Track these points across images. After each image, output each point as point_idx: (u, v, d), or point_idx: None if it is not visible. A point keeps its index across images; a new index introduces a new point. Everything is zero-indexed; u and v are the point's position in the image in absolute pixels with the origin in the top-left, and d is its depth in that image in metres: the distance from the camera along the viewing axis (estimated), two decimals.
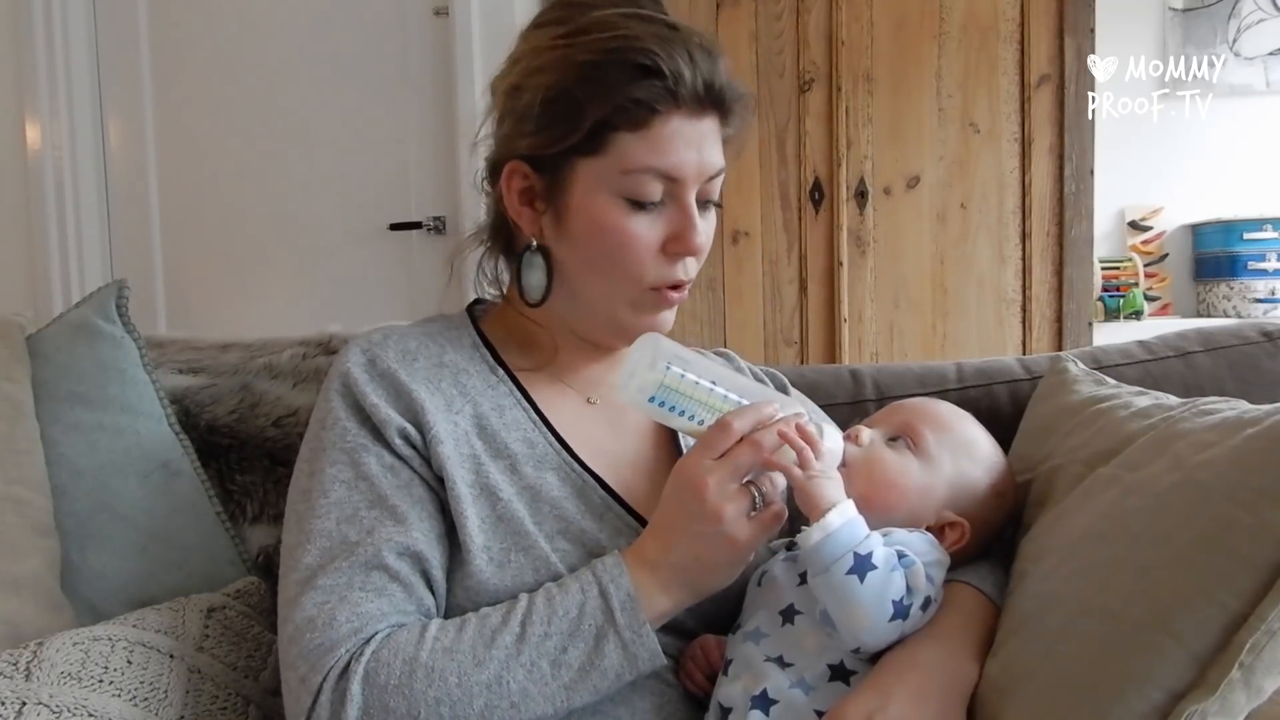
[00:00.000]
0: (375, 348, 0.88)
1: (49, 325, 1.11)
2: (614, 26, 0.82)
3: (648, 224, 0.84)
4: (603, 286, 0.87)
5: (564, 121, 0.82)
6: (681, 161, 0.83)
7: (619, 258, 0.85)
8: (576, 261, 0.87)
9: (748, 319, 2.30)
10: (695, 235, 0.85)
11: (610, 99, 0.80)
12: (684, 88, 0.81)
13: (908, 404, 0.95)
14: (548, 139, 0.84)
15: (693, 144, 0.83)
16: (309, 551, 0.80)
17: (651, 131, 0.81)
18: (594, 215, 0.84)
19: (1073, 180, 2.20)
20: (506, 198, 0.88)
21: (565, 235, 0.87)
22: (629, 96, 0.80)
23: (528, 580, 0.81)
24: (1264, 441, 0.71)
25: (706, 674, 0.85)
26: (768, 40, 2.27)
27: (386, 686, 0.73)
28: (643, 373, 0.78)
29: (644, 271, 0.86)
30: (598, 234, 0.84)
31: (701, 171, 0.85)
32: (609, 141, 0.82)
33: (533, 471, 0.86)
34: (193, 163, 2.65)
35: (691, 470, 0.78)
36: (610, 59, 0.81)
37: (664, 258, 0.86)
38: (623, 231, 0.84)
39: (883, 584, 0.74)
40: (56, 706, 0.77)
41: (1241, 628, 0.64)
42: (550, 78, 0.83)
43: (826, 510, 0.75)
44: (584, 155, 0.83)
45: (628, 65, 0.81)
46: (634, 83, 0.80)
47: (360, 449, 0.83)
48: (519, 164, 0.86)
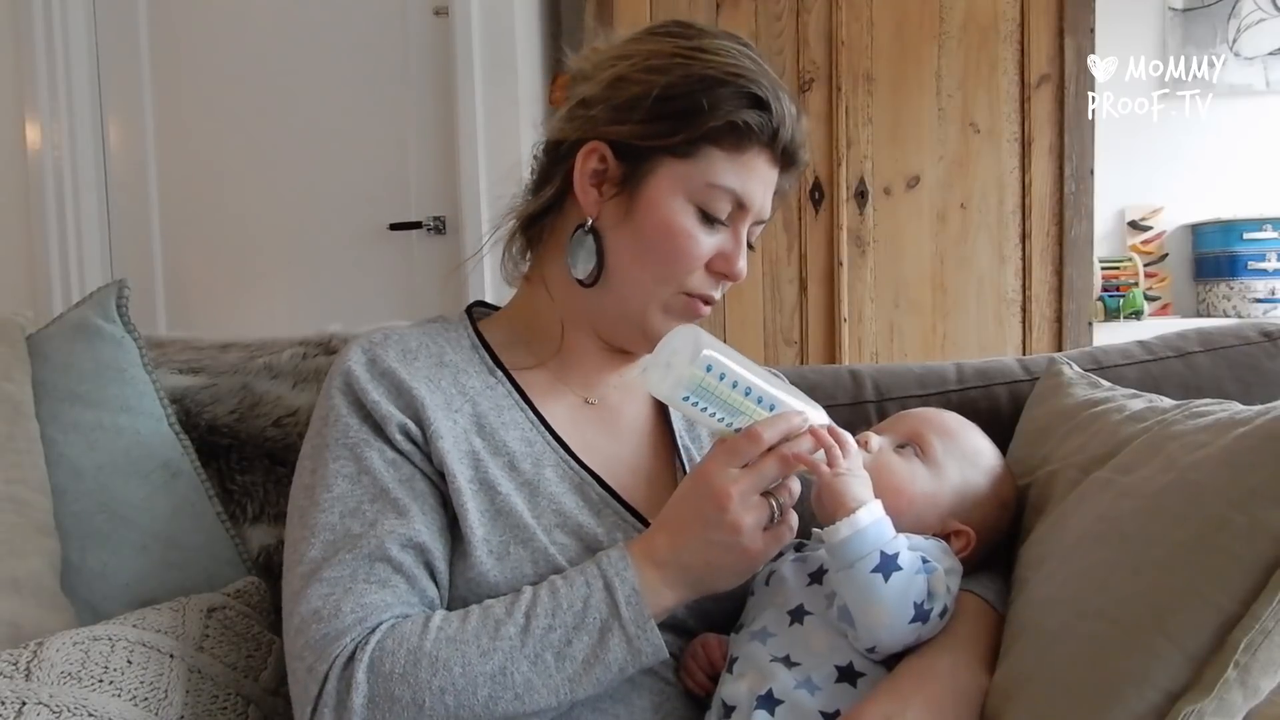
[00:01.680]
0: (376, 347, 0.89)
1: (49, 325, 1.11)
2: (735, 57, 0.88)
3: (707, 237, 0.89)
4: (648, 281, 0.90)
5: (671, 119, 0.86)
6: (755, 195, 0.89)
7: (675, 258, 0.88)
8: (630, 251, 0.89)
9: (748, 319, 2.31)
10: (741, 263, 0.91)
11: (723, 114, 0.85)
12: (780, 135, 0.88)
13: (915, 413, 0.95)
14: (648, 131, 0.87)
15: (765, 184, 0.91)
16: (313, 545, 0.81)
17: (742, 158, 0.88)
18: (666, 213, 0.88)
19: (1073, 180, 2.21)
20: (577, 174, 0.90)
21: (628, 224, 0.89)
22: (740, 119, 0.86)
23: (527, 572, 0.81)
24: (1255, 441, 0.71)
25: (708, 673, 0.85)
26: (768, 40, 2.27)
27: (391, 675, 0.74)
28: (682, 367, 0.76)
29: (690, 277, 0.90)
30: (664, 231, 0.88)
31: (761, 212, 0.91)
32: (702, 153, 0.87)
33: (531, 468, 0.87)
34: (193, 163, 2.65)
35: (716, 478, 0.78)
36: (732, 81, 0.86)
37: (707, 273, 0.90)
38: (689, 236, 0.88)
39: (906, 585, 0.75)
40: (56, 706, 0.77)
41: (1236, 627, 0.64)
42: (670, 79, 0.87)
43: (855, 508, 0.76)
44: (673, 156, 0.87)
45: (746, 93, 0.86)
46: (747, 109, 0.86)
47: (362, 444, 0.84)
48: (601, 145, 0.89)
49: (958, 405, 1.12)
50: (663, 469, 0.96)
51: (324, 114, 2.55)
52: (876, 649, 0.77)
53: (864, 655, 0.78)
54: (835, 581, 0.77)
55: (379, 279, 2.55)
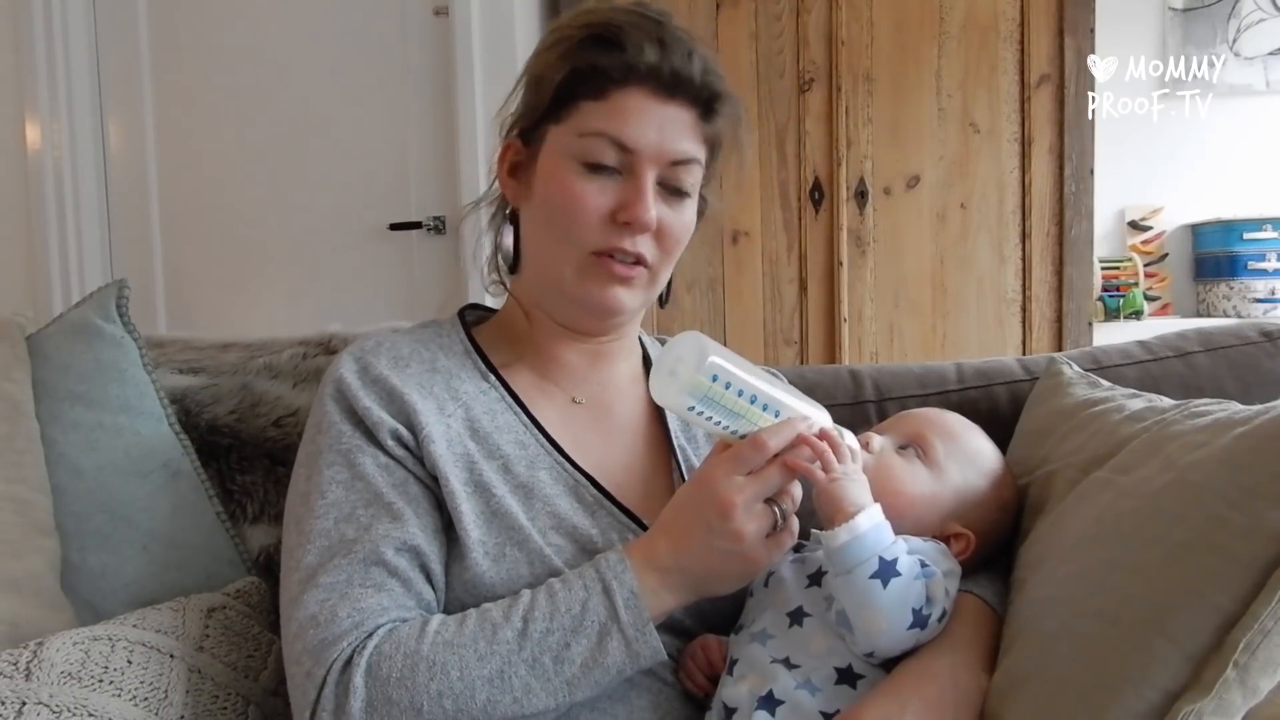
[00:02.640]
0: (368, 355, 0.90)
1: (49, 325, 1.11)
2: (593, 11, 0.90)
3: (598, 189, 0.87)
4: (552, 248, 0.91)
5: (538, 90, 0.90)
6: (638, 135, 0.86)
7: (564, 217, 0.88)
8: (534, 223, 0.93)
9: (748, 319, 2.30)
10: (643, 209, 0.86)
11: (571, 64, 0.87)
12: (643, 64, 0.85)
13: (917, 413, 0.95)
14: (527, 109, 0.92)
15: (654, 122, 0.86)
16: (309, 551, 0.81)
17: (610, 101, 0.86)
18: (550, 175, 0.89)
19: (1073, 180, 2.20)
20: (498, 170, 0.95)
21: (531, 200, 0.92)
22: (587, 63, 0.86)
23: (523, 573, 0.81)
24: (1253, 440, 0.71)
25: (707, 674, 0.85)
26: (768, 40, 2.27)
27: (389, 679, 0.74)
28: (687, 374, 0.75)
29: (587, 234, 0.88)
30: (551, 193, 0.89)
31: (661, 151, 0.87)
32: (573, 109, 0.87)
33: (525, 470, 0.87)
34: (193, 163, 2.65)
35: (720, 485, 0.77)
36: (579, 33, 0.88)
37: (612, 225, 0.88)
38: (570, 191, 0.87)
39: (905, 591, 0.74)
40: (56, 706, 0.77)
41: (1235, 627, 0.64)
42: (535, 61, 0.92)
43: (854, 513, 0.75)
44: (552, 122, 0.89)
45: (592, 38, 0.87)
46: (594, 51, 0.86)
47: (355, 450, 0.84)
48: (513, 140, 0.94)
49: (958, 405, 1.11)
50: (658, 469, 0.96)
51: (324, 114, 2.55)
52: (875, 654, 0.77)
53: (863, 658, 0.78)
54: (833, 587, 0.77)
55: (379, 279, 2.54)
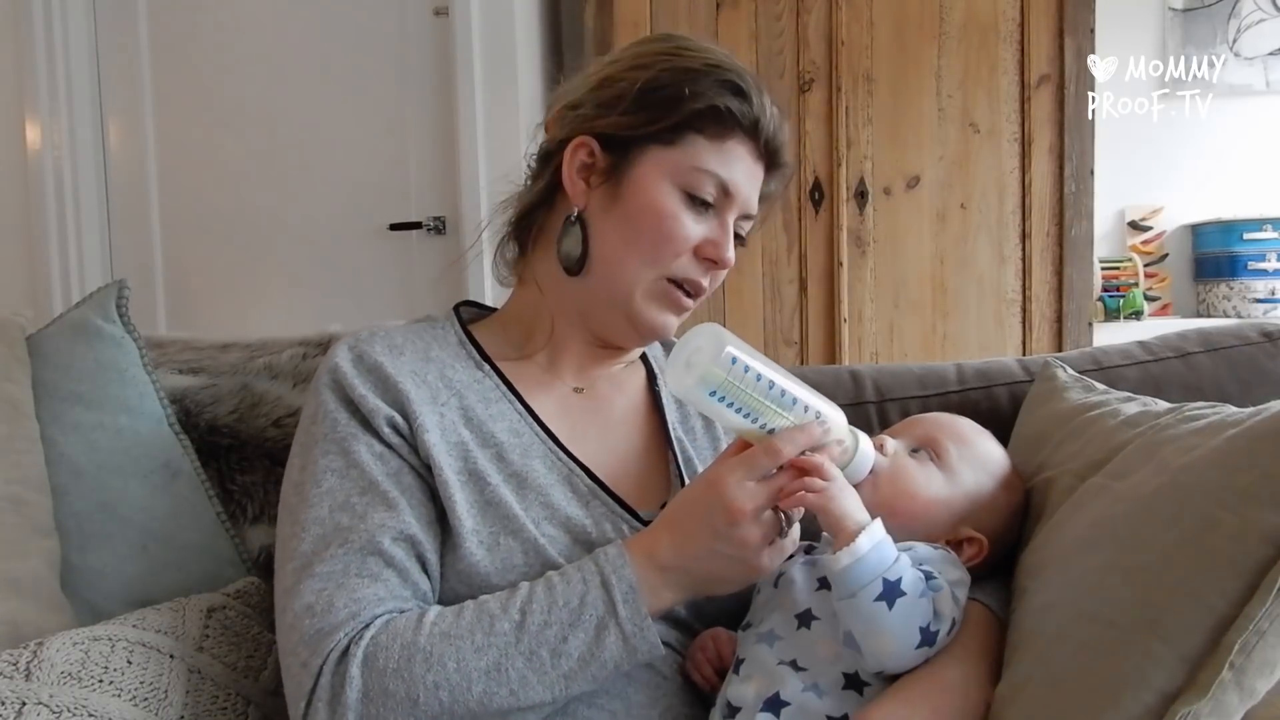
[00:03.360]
0: (362, 344, 0.90)
1: (49, 325, 1.11)
2: (715, 54, 0.93)
3: (693, 220, 0.91)
4: (633, 264, 0.91)
5: (655, 108, 0.89)
6: (740, 182, 0.91)
7: (661, 239, 0.90)
8: (617, 235, 0.91)
9: (748, 319, 2.30)
10: (728, 249, 0.92)
11: (705, 100, 0.89)
12: (762, 125, 0.91)
13: (929, 417, 0.95)
14: (632, 121, 0.90)
15: (750, 176, 0.93)
16: (304, 540, 0.81)
17: (725, 145, 0.90)
18: (652, 197, 0.90)
19: (1073, 180, 2.20)
20: (566, 167, 0.93)
21: (615, 209, 0.91)
22: (722, 104, 0.89)
23: (518, 563, 0.82)
24: (1245, 442, 0.71)
25: (716, 667, 0.85)
26: (768, 40, 2.27)
27: (385, 670, 0.74)
28: (704, 365, 0.75)
29: (676, 260, 0.91)
30: (649, 213, 0.90)
31: (746, 203, 0.93)
32: (686, 139, 0.90)
33: (519, 459, 0.87)
34: (193, 163, 2.65)
35: (731, 490, 0.76)
36: (713, 72, 0.90)
37: (694, 259, 0.92)
38: (674, 217, 0.90)
39: (911, 610, 0.74)
40: (56, 706, 0.77)
41: (1230, 628, 0.64)
42: (652, 73, 0.90)
43: (855, 533, 0.74)
44: (658, 144, 0.90)
45: (727, 82, 0.90)
46: (729, 96, 0.89)
47: (350, 438, 0.85)
48: (588, 140, 0.92)
49: (958, 406, 1.12)
50: (655, 460, 0.96)
51: (324, 114, 2.55)
52: (885, 672, 0.76)
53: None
54: (839, 610, 0.76)
55: (379, 279, 2.55)
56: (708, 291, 0.95)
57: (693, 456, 0.97)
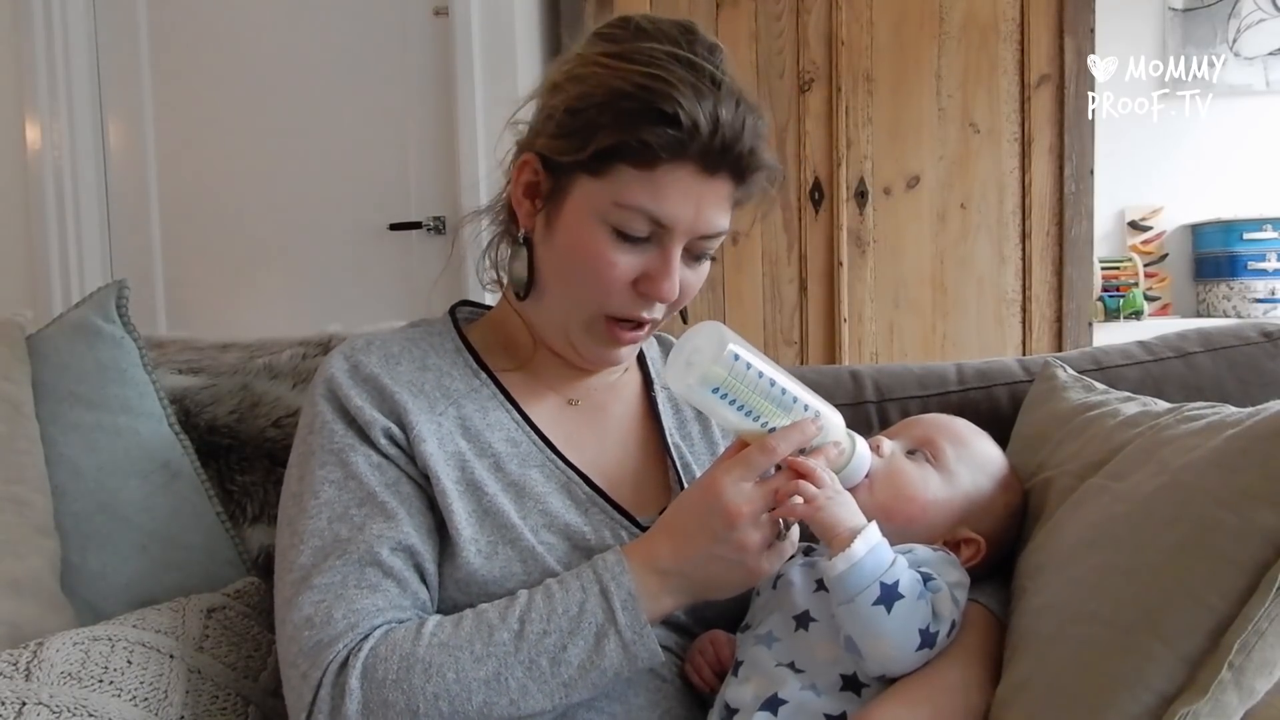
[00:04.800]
0: (358, 354, 0.89)
1: (49, 325, 1.11)
2: (654, 64, 0.81)
3: (627, 257, 0.84)
4: (566, 300, 0.89)
5: (577, 135, 0.83)
6: (676, 214, 0.82)
7: (589, 280, 0.85)
8: (552, 267, 0.89)
9: (748, 319, 2.30)
10: (668, 284, 0.84)
11: (621, 132, 0.80)
12: (697, 143, 0.80)
13: (927, 418, 0.95)
14: (561, 146, 0.84)
15: (692, 198, 0.83)
16: (302, 552, 0.81)
17: (654, 175, 0.81)
18: (579, 234, 0.84)
19: (1073, 180, 2.20)
20: (514, 185, 0.90)
21: (550, 240, 0.88)
22: (639, 137, 0.80)
23: (516, 571, 0.81)
24: (1245, 442, 0.71)
25: (715, 670, 0.84)
26: (768, 40, 2.27)
27: (385, 681, 0.74)
28: (705, 363, 0.74)
29: (608, 300, 0.86)
30: (577, 251, 0.85)
31: (695, 227, 0.84)
32: (612, 170, 0.82)
33: (517, 468, 0.87)
34: (193, 163, 2.65)
35: (728, 492, 0.76)
36: (636, 94, 0.80)
37: (633, 293, 0.86)
38: (600, 258, 0.84)
39: (910, 613, 0.74)
40: (56, 706, 0.77)
41: (1229, 629, 0.64)
42: (580, 89, 0.83)
43: (850, 538, 0.74)
44: (586, 174, 0.83)
45: (650, 107, 0.80)
46: (649, 125, 0.79)
47: (347, 449, 0.84)
48: (533, 158, 0.87)
49: (958, 406, 1.11)
50: (652, 465, 0.96)
51: (324, 114, 2.55)
52: (887, 675, 0.76)
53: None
54: (838, 616, 0.76)
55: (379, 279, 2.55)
56: (659, 320, 0.89)
57: (690, 462, 0.97)
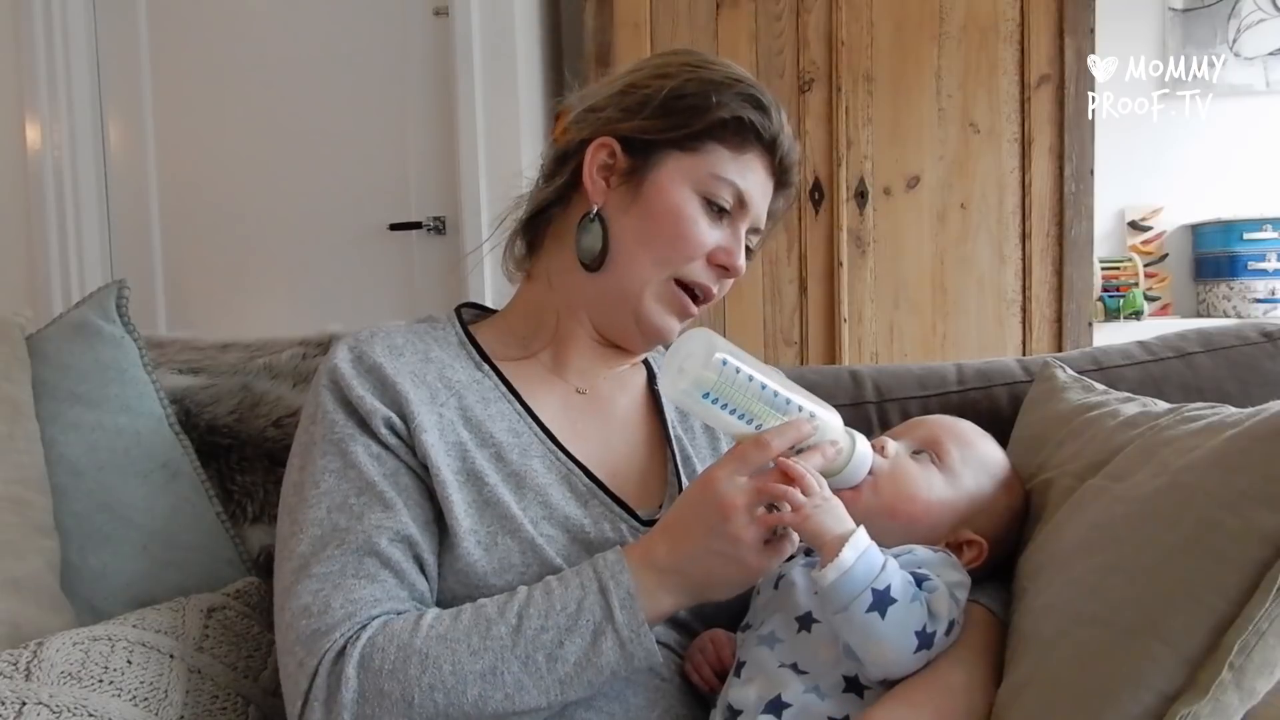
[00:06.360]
0: (362, 344, 0.90)
1: (49, 325, 1.11)
2: (738, 71, 0.96)
3: (710, 226, 0.93)
4: (647, 264, 0.93)
5: (678, 115, 0.92)
6: (754, 194, 0.95)
7: (678, 240, 0.92)
8: (633, 235, 0.93)
9: (748, 319, 2.30)
10: (740, 255, 0.95)
11: (729, 110, 0.92)
12: (779, 143, 0.95)
13: (930, 420, 0.95)
14: (655, 125, 0.92)
15: (763, 190, 0.96)
16: (301, 541, 0.81)
17: (743, 157, 0.93)
18: (672, 199, 0.92)
19: (1073, 180, 2.20)
20: (587, 166, 0.94)
21: (635, 208, 0.93)
22: (745, 116, 0.92)
23: (515, 563, 0.82)
24: (1245, 442, 0.71)
25: (716, 669, 0.84)
26: (768, 40, 2.26)
27: (381, 671, 0.74)
28: (696, 369, 0.75)
29: (689, 263, 0.93)
30: (668, 214, 0.92)
31: (758, 215, 0.96)
32: (706, 147, 0.92)
33: (518, 459, 0.87)
34: (193, 163, 2.65)
35: (722, 486, 0.77)
36: (735, 85, 0.93)
37: (706, 264, 0.94)
38: (693, 220, 0.92)
39: (905, 616, 0.74)
40: (56, 706, 0.77)
41: (1230, 629, 0.64)
42: (677, 82, 0.93)
43: (838, 546, 0.73)
44: (680, 150, 0.92)
45: (749, 96, 0.93)
46: (750, 109, 0.92)
47: (348, 439, 0.85)
48: (610, 141, 0.94)
49: (958, 406, 1.12)
50: (655, 460, 0.96)
51: (324, 114, 2.55)
52: (887, 678, 0.76)
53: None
54: (834, 624, 0.76)
55: (379, 279, 2.55)
56: (716, 298, 0.97)
57: (691, 456, 0.97)
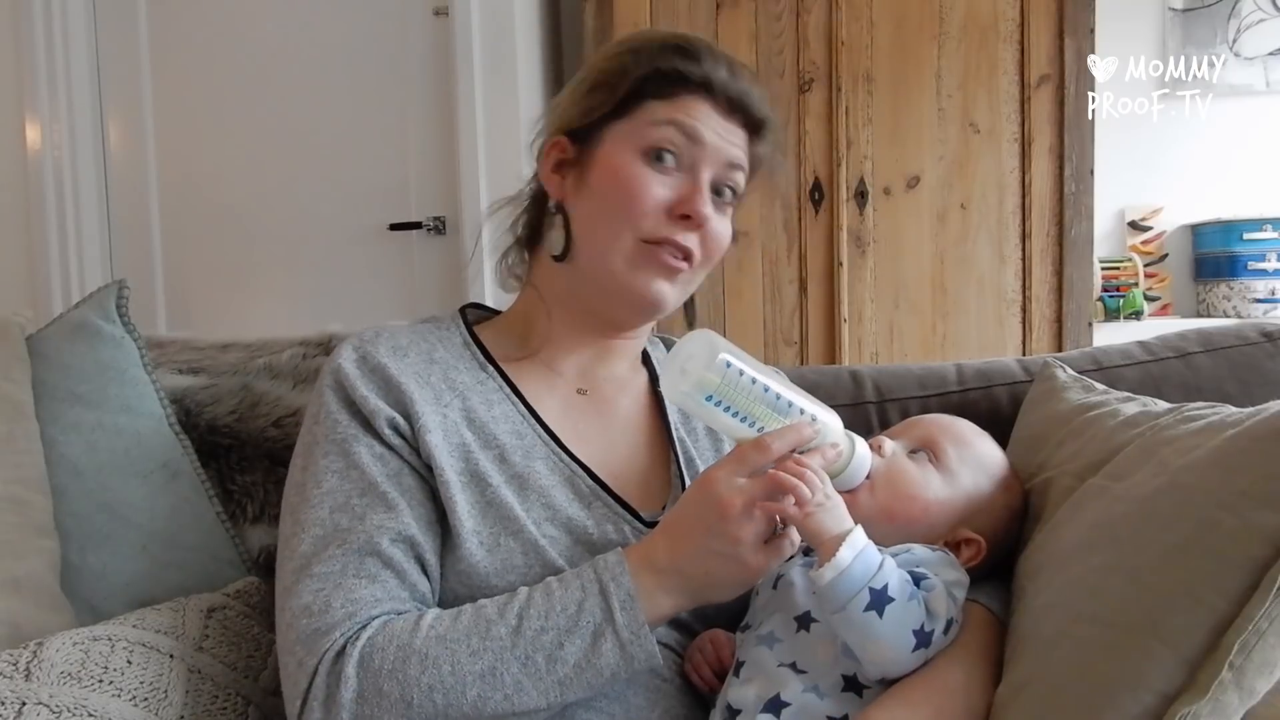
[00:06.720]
0: (366, 344, 0.90)
1: (49, 325, 1.11)
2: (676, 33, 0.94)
3: (658, 179, 0.90)
4: (606, 235, 0.91)
5: (605, 89, 0.92)
6: (702, 131, 0.90)
7: (625, 201, 0.89)
8: (589, 212, 0.93)
9: (748, 319, 2.30)
10: (701, 203, 0.90)
11: (648, 65, 0.90)
12: (716, 80, 0.90)
13: (928, 419, 0.95)
14: (588, 106, 0.93)
15: (714, 127, 0.91)
16: (303, 540, 0.81)
17: (678, 102, 0.90)
18: (613, 166, 0.91)
19: (1073, 180, 2.20)
20: (542, 168, 0.96)
21: (584, 191, 0.93)
22: (670, 65, 0.90)
23: (518, 564, 0.82)
24: (1245, 442, 0.71)
25: (715, 669, 0.84)
26: (768, 40, 2.27)
27: (380, 671, 0.74)
28: (699, 371, 0.75)
29: (645, 219, 0.89)
30: (611, 181, 0.90)
31: (719, 153, 0.91)
32: (640, 107, 0.90)
33: (521, 460, 0.87)
34: (193, 163, 2.65)
35: (721, 486, 0.77)
36: (654, 40, 0.93)
37: (668, 218, 0.90)
38: (634, 178, 0.89)
39: (902, 615, 0.74)
40: (56, 706, 0.77)
41: (1229, 629, 0.64)
42: (604, 62, 0.94)
43: (835, 546, 0.74)
44: (615, 119, 0.91)
45: (669, 47, 0.91)
46: (670, 58, 0.90)
47: (351, 439, 0.85)
48: (560, 139, 0.95)
49: (958, 406, 1.12)
50: (657, 461, 0.96)
51: (324, 114, 2.55)
52: (886, 677, 0.76)
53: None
54: (832, 624, 0.76)
55: (379, 279, 2.55)
56: (699, 256, 0.92)
57: (694, 457, 0.97)
